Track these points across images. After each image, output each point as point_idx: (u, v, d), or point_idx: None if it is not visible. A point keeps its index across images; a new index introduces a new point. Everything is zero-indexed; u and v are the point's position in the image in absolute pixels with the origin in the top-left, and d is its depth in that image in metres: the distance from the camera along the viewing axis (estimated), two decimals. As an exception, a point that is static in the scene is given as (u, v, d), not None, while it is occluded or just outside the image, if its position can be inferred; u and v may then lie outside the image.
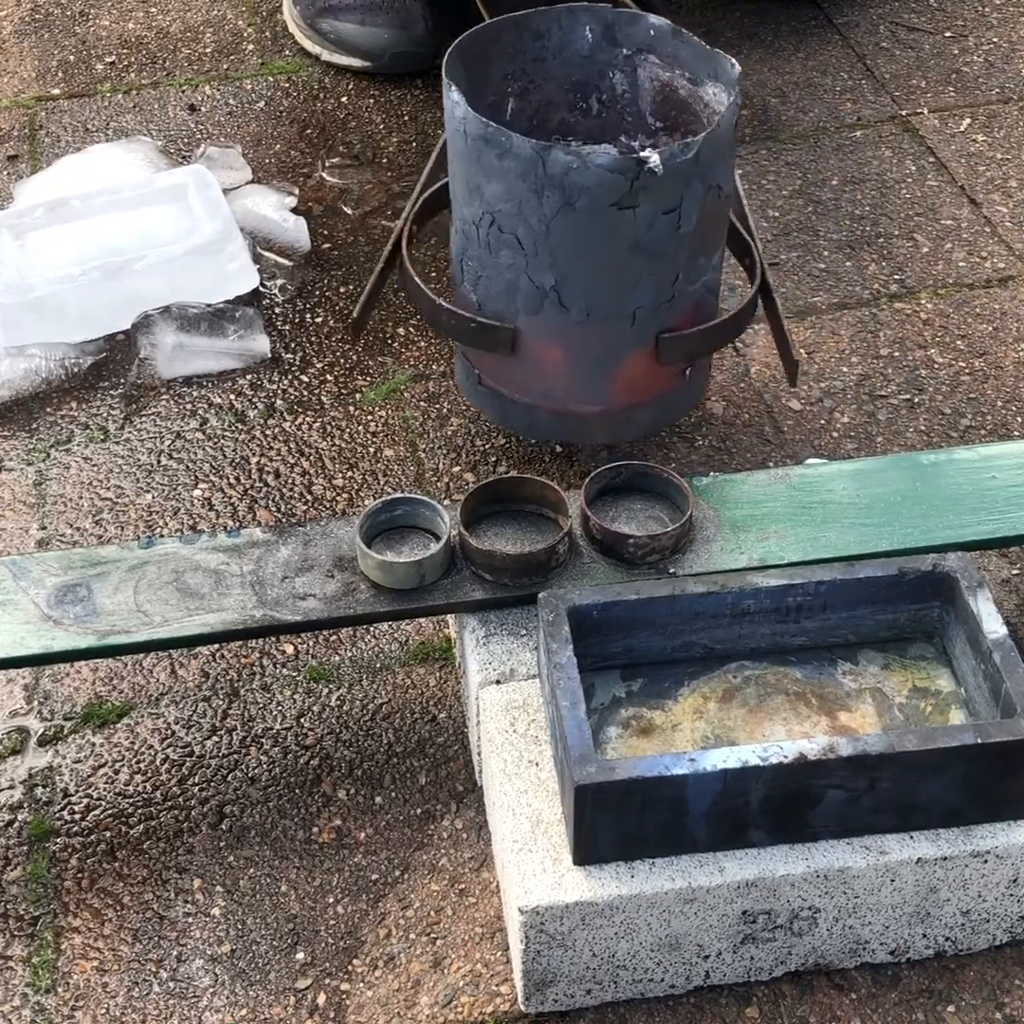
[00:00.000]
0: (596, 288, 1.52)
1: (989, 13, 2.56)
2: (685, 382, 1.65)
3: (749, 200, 2.16)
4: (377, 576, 1.42)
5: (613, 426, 1.66)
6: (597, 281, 1.52)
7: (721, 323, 1.62)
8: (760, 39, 2.51)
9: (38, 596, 1.42)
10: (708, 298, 1.61)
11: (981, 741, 1.23)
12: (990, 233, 2.11)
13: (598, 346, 1.57)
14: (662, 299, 1.54)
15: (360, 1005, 1.32)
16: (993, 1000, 1.31)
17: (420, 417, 1.86)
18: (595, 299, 1.53)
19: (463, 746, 1.51)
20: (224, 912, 1.39)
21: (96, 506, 1.76)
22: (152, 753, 1.51)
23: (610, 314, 1.54)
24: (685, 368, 1.63)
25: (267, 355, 1.94)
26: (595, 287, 1.52)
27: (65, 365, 1.91)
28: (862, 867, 1.25)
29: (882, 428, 1.83)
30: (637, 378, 1.60)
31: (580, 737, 1.23)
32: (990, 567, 1.64)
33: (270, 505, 1.75)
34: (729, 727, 1.35)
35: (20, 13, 2.59)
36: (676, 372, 1.63)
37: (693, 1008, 1.30)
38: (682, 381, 1.64)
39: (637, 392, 1.62)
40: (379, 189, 2.22)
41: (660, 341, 1.56)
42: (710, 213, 1.52)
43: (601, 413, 1.63)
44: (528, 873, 1.24)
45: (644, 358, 1.58)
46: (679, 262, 1.53)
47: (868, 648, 1.41)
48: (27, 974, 1.35)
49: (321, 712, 1.55)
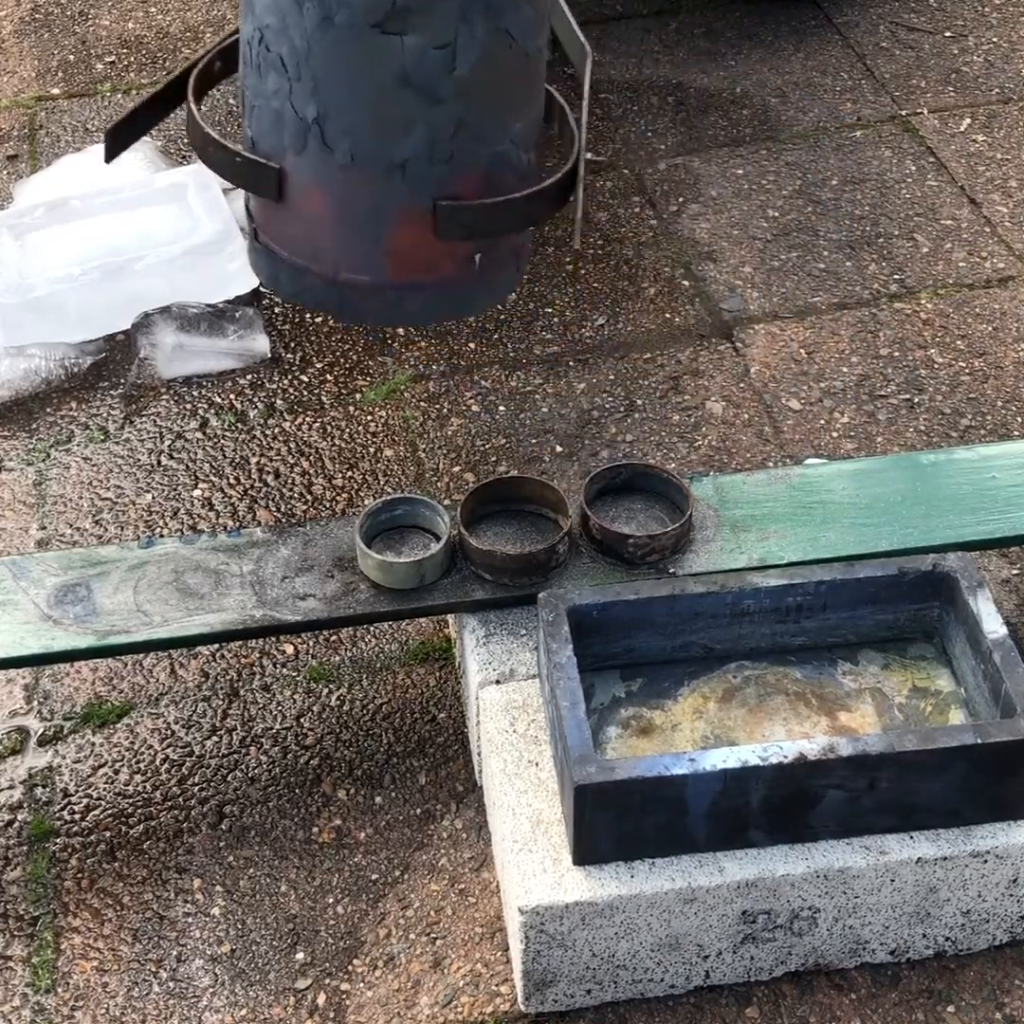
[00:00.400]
0: (360, 125, 1.41)
1: (989, 13, 2.56)
2: (474, 271, 1.50)
3: (749, 200, 2.17)
4: (377, 576, 1.42)
5: (387, 306, 1.52)
6: (361, 116, 1.40)
7: (511, 200, 1.45)
8: (760, 39, 2.51)
9: (38, 596, 1.42)
10: (504, 172, 1.45)
11: (981, 741, 1.23)
12: (990, 233, 2.11)
13: (366, 198, 1.44)
14: (438, 155, 1.42)
15: (360, 1005, 1.32)
16: (993, 1000, 1.30)
17: (420, 417, 1.86)
18: (360, 139, 1.41)
19: (463, 746, 1.51)
20: (224, 912, 1.39)
21: (96, 506, 1.76)
22: (152, 753, 1.51)
23: (377, 160, 1.42)
24: (475, 253, 1.48)
25: (267, 355, 1.94)
26: (360, 124, 1.41)
27: (65, 365, 1.91)
28: (862, 867, 1.25)
29: (882, 428, 1.83)
30: (413, 250, 1.47)
31: (580, 737, 1.23)
32: (990, 567, 1.64)
33: (270, 505, 1.75)
34: (729, 727, 1.35)
35: (20, 13, 2.59)
36: (463, 256, 1.49)
37: (693, 1008, 1.30)
38: (470, 269, 1.50)
39: (414, 268, 1.48)
40: (379, 189, 2.22)
41: (438, 208, 1.43)
42: (497, 62, 1.40)
43: (373, 286, 1.50)
44: (528, 873, 1.24)
45: (420, 227, 1.45)
46: (456, 112, 1.40)
47: (868, 648, 1.41)
48: (27, 974, 1.35)
49: (321, 712, 1.55)
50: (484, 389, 1.90)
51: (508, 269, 1.55)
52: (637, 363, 1.93)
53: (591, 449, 1.79)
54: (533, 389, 1.89)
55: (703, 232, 2.12)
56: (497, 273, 1.53)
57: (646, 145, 2.29)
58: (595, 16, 2.58)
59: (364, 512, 1.46)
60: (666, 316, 1.99)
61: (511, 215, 1.47)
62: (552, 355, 1.95)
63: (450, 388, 1.89)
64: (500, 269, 1.53)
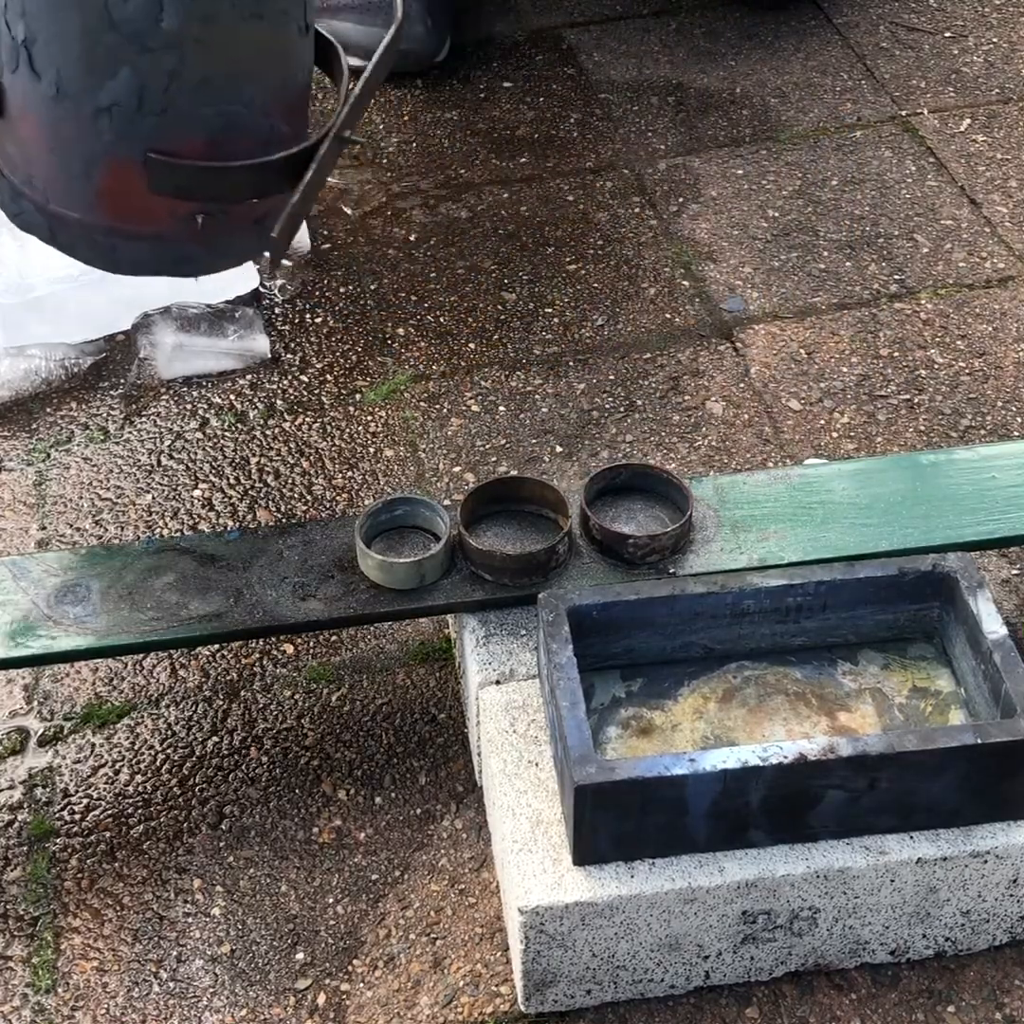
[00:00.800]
0: (66, 59, 1.33)
1: (989, 13, 2.56)
2: (197, 231, 1.42)
3: (749, 200, 2.17)
4: (377, 576, 1.42)
5: (99, 249, 1.45)
6: (66, 50, 1.33)
7: (231, 167, 1.38)
8: (760, 39, 2.51)
9: (38, 596, 1.42)
10: (238, 138, 1.38)
11: (981, 741, 1.23)
12: (990, 233, 2.11)
13: (73, 134, 1.37)
14: (149, 106, 1.34)
15: (360, 1005, 1.32)
16: (993, 1000, 1.31)
17: (420, 417, 1.86)
18: (66, 73, 1.34)
19: (463, 746, 1.51)
20: (224, 912, 1.39)
21: (96, 506, 1.76)
22: (152, 753, 1.51)
23: (83, 98, 1.35)
24: (196, 214, 1.41)
25: (267, 355, 1.94)
26: (65, 57, 1.34)
27: (65, 365, 1.91)
28: (862, 867, 1.25)
29: (882, 428, 1.83)
30: (124, 197, 1.39)
31: (580, 737, 1.23)
32: (990, 567, 1.64)
33: (270, 505, 1.75)
34: (729, 727, 1.35)
35: None
36: (182, 213, 1.40)
37: (693, 1008, 1.30)
38: (193, 229, 1.41)
39: (125, 216, 1.41)
40: (379, 189, 2.22)
41: (148, 161, 1.36)
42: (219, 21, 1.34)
43: (83, 224, 1.43)
44: (528, 873, 1.24)
45: (131, 174, 1.37)
46: (168, 64, 1.33)
47: (868, 648, 1.41)
48: (27, 974, 1.35)
49: (321, 712, 1.55)
50: (484, 389, 1.90)
51: (247, 236, 1.45)
52: (637, 363, 1.93)
53: (591, 449, 1.79)
54: (533, 389, 1.89)
55: (703, 232, 2.12)
56: (230, 238, 1.44)
57: (646, 145, 2.29)
58: (595, 16, 2.58)
59: (364, 512, 1.46)
60: (666, 316, 1.99)
61: (232, 182, 1.39)
62: (552, 355, 1.95)
63: (450, 388, 1.89)
64: (234, 234, 1.44)
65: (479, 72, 2.45)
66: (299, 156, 1.40)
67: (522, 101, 2.39)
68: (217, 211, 1.41)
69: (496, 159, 2.28)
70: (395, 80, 2.41)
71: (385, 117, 2.35)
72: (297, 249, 2.08)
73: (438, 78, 2.44)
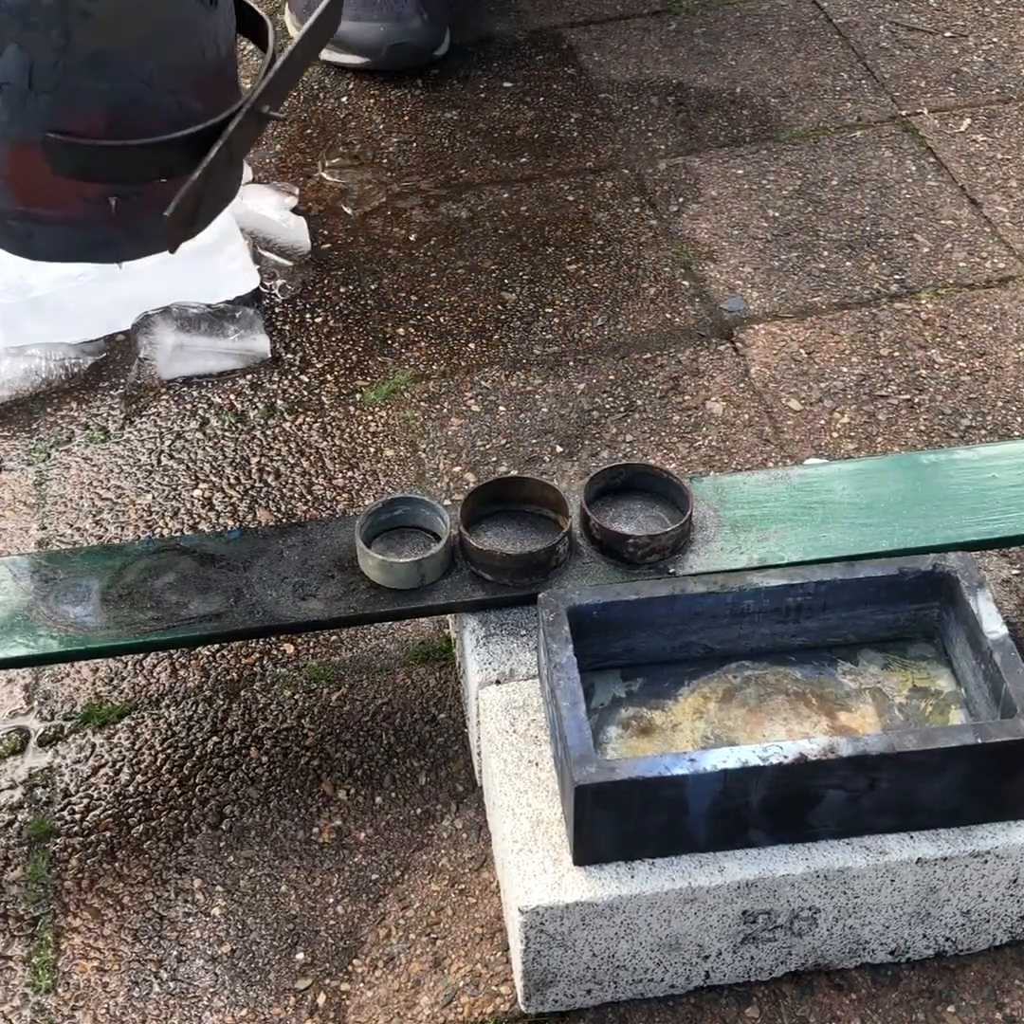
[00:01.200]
0: None
1: (989, 13, 2.56)
2: (112, 215, 1.38)
3: (749, 200, 2.17)
4: (377, 576, 1.42)
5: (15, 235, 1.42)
6: None
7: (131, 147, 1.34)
8: (760, 39, 2.51)
9: (38, 596, 1.42)
10: (142, 116, 1.34)
11: (981, 741, 1.23)
12: (990, 233, 2.11)
13: None
14: (41, 83, 1.31)
15: (360, 1005, 1.32)
16: (993, 1000, 1.31)
17: (420, 417, 1.86)
18: None
19: (463, 746, 1.51)
20: (224, 912, 1.39)
21: (96, 506, 1.76)
22: (152, 753, 1.51)
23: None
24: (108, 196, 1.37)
25: (267, 355, 1.94)
26: None
27: (65, 365, 1.91)
28: (862, 867, 1.25)
29: (882, 428, 1.83)
30: (31, 180, 1.36)
31: (580, 737, 1.23)
32: (990, 567, 1.64)
33: (270, 505, 1.75)
34: (729, 727, 1.35)
35: None
36: (92, 196, 1.37)
37: (693, 1008, 1.30)
38: (107, 212, 1.37)
39: (35, 200, 1.38)
40: (379, 189, 2.22)
41: (47, 141, 1.32)
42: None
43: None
44: (528, 873, 1.24)
45: (34, 156, 1.34)
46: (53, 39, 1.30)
47: (868, 648, 1.41)
48: (27, 974, 1.35)
49: (321, 712, 1.55)
50: (484, 389, 1.90)
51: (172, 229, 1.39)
52: (637, 363, 1.93)
53: (591, 449, 1.79)
54: (533, 389, 1.89)
55: (703, 232, 2.12)
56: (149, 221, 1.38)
57: (646, 145, 2.29)
58: (595, 16, 2.58)
59: (364, 512, 1.46)
60: (666, 316, 1.99)
61: (134, 162, 1.35)
62: (552, 355, 1.95)
63: (450, 388, 1.89)
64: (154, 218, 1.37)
65: (479, 72, 2.45)
66: (205, 133, 1.35)
67: (522, 101, 2.39)
68: (129, 193, 1.37)
69: (496, 159, 2.28)
70: (395, 79, 2.41)
71: (385, 117, 2.36)
72: (297, 249, 2.08)
73: (438, 78, 2.44)
